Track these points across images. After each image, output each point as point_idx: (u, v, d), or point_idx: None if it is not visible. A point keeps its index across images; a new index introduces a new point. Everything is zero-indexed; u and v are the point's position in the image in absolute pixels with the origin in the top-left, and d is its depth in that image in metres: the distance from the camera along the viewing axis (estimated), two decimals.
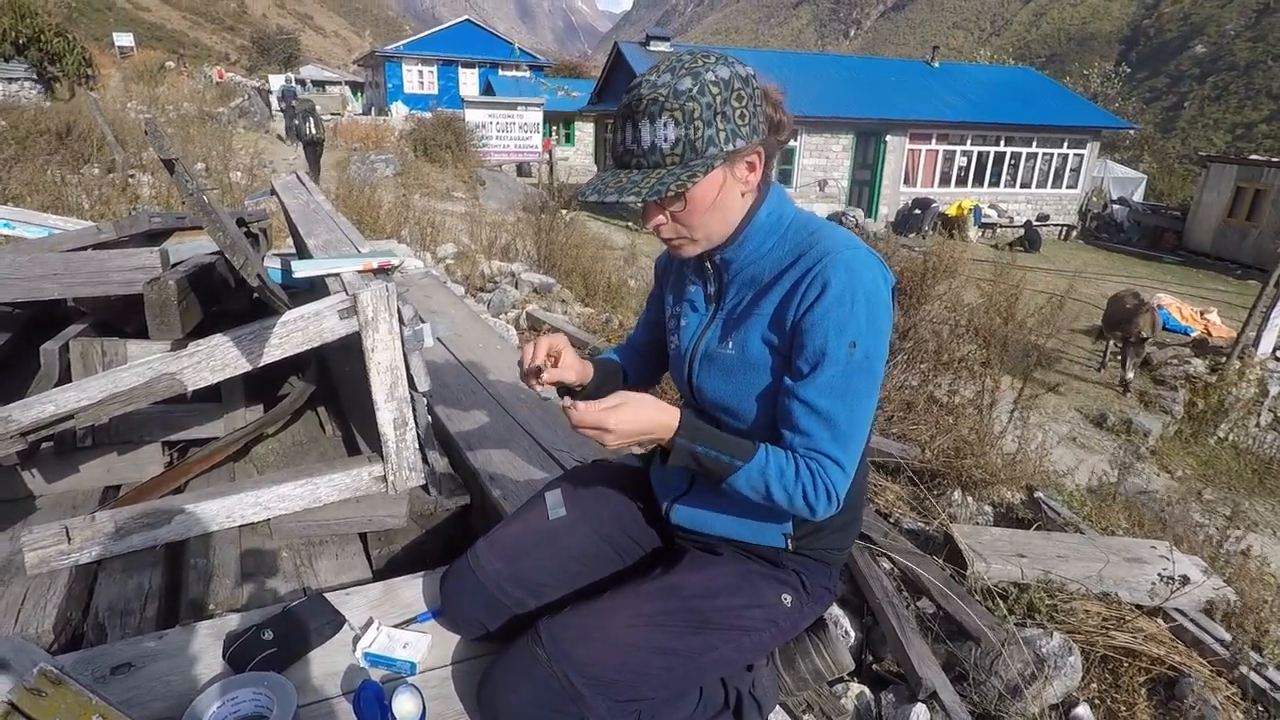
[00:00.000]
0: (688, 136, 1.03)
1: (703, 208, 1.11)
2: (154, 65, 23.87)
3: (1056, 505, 3.13)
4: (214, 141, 12.12)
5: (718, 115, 1.04)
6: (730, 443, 1.12)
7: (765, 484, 1.10)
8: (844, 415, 1.08)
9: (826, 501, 1.09)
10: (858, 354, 1.06)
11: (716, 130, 1.04)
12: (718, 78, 1.04)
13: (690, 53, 1.08)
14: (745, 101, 1.05)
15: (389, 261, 1.86)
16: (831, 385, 1.07)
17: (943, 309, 4.61)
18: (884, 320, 1.09)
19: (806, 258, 1.10)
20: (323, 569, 1.69)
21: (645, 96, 1.05)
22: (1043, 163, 19.27)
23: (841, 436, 1.09)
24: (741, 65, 1.08)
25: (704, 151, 1.05)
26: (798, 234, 1.16)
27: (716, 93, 1.03)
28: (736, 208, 1.14)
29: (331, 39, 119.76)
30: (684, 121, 1.03)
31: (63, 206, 6.64)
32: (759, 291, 1.16)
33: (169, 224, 2.57)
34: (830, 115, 17.61)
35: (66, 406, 1.47)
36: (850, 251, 1.08)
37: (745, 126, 1.06)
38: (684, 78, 1.03)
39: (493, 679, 1.18)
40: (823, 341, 1.06)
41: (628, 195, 1.05)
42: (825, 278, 1.06)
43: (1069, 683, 1.94)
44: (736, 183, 1.11)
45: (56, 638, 1.39)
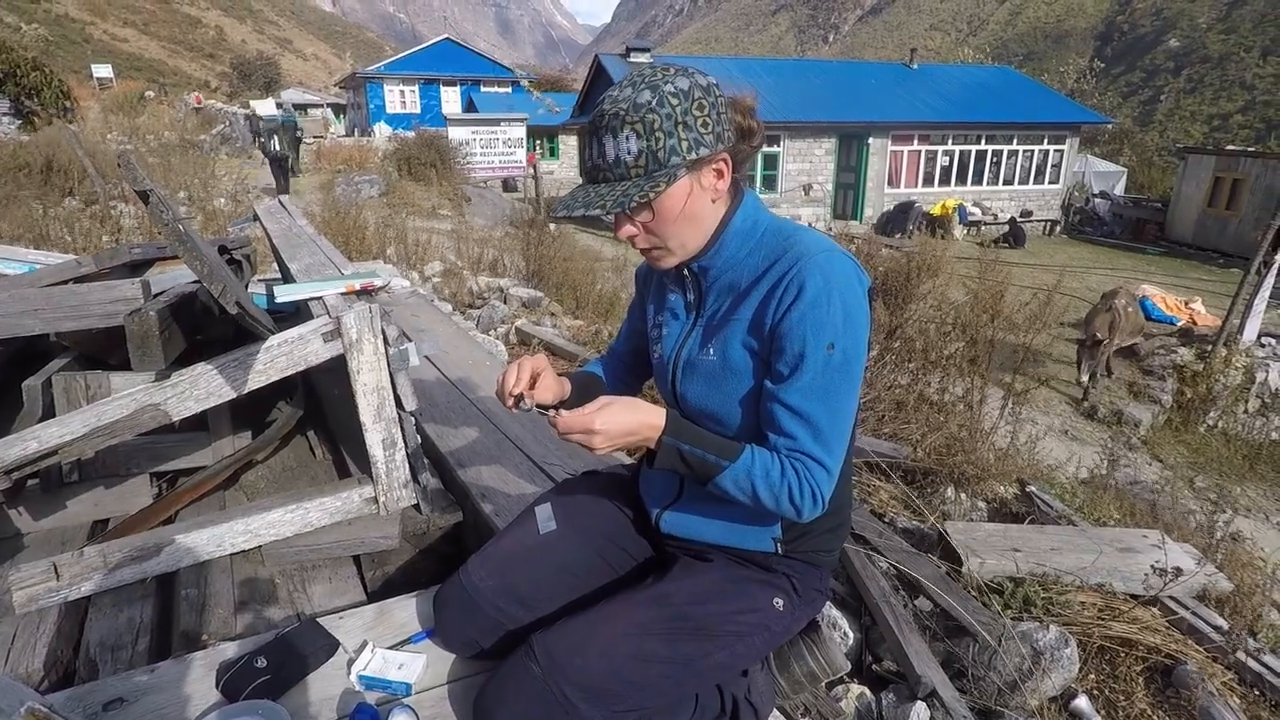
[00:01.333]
0: (650, 148, 1.06)
1: (672, 216, 1.12)
2: (133, 95, 23.83)
3: (1049, 498, 3.15)
4: (196, 169, 12.09)
5: (679, 125, 1.06)
6: (717, 443, 1.14)
7: (751, 484, 1.11)
8: (825, 416, 1.09)
9: (812, 502, 1.10)
10: (836, 355, 1.08)
11: (679, 140, 1.06)
12: (677, 89, 1.06)
13: (652, 67, 1.10)
14: (707, 110, 1.07)
15: (372, 283, 1.86)
16: (811, 387, 1.08)
17: (929, 308, 4.64)
18: (860, 320, 1.10)
19: (782, 262, 1.12)
20: (316, 593, 1.68)
21: (608, 112, 1.07)
22: (1024, 159, 19.47)
23: (824, 437, 1.10)
24: (703, 76, 1.09)
25: (667, 161, 1.07)
26: (773, 239, 1.17)
27: (676, 103, 1.05)
28: (709, 215, 1.16)
29: (312, 62, 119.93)
30: (645, 134, 1.05)
31: (45, 240, 6.61)
32: (737, 297, 1.18)
33: (150, 255, 2.57)
34: (812, 120, 17.77)
35: (50, 442, 1.46)
36: (824, 254, 1.09)
37: (709, 134, 1.08)
38: (643, 91, 1.06)
39: (488, 695, 1.17)
40: (801, 344, 1.08)
41: (594, 209, 1.07)
42: (801, 281, 1.08)
43: (1067, 674, 1.95)
44: (705, 190, 1.13)
45: (47, 675, 1.37)
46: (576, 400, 1.38)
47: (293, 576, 1.74)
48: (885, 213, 18.38)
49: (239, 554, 1.75)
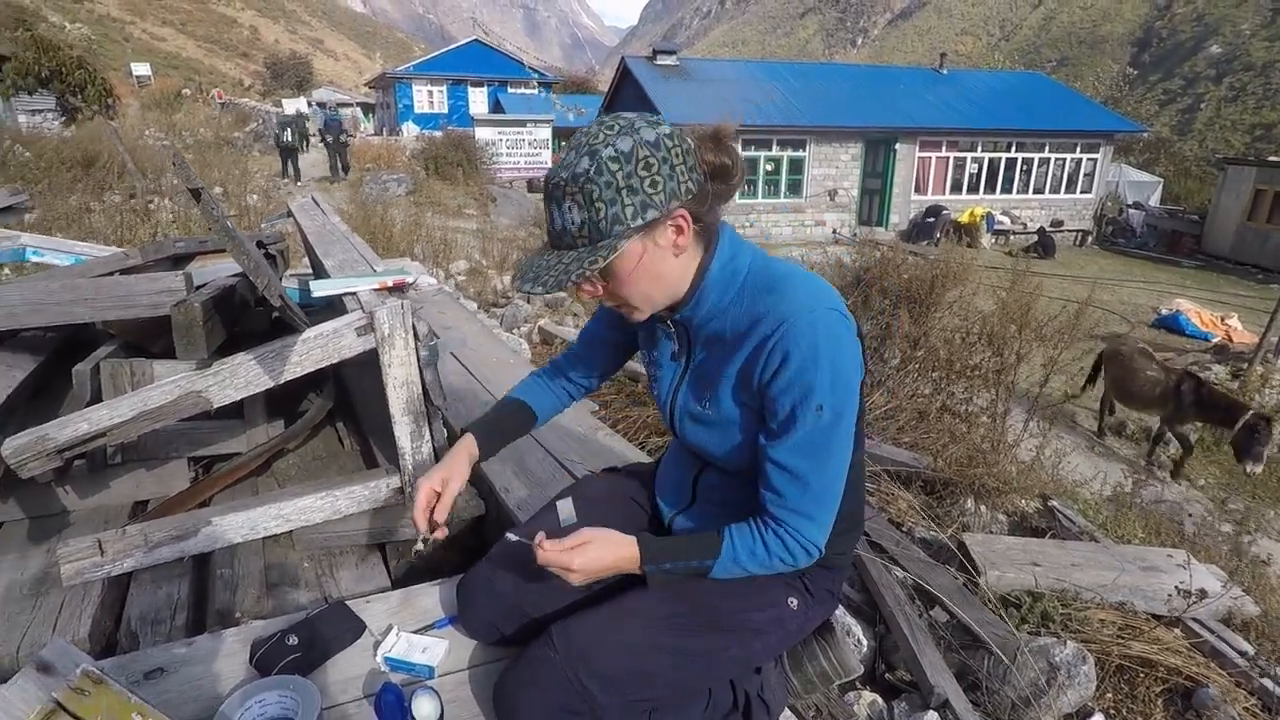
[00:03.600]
0: (591, 218, 1.03)
1: (627, 280, 1.10)
2: (170, 93, 24.37)
3: (1071, 514, 3.12)
4: (230, 166, 12.35)
5: (621, 191, 1.02)
6: (694, 547, 1.17)
7: (741, 567, 1.15)
8: (815, 473, 1.10)
9: (806, 556, 1.14)
10: (825, 415, 1.07)
11: (622, 207, 1.02)
12: (617, 152, 1.01)
13: (600, 123, 1.06)
14: (656, 168, 1.03)
15: (404, 279, 1.92)
16: (801, 446, 1.09)
17: (954, 317, 4.61)
18: (850, 377, 1.09)
19: (765, 323, 1.09)
20: (343, 578, 1.74)
21: (551, 180, 1.06)
22: (1055, 168, 19.20)
23: (813, 493, 1.11)
24: (653, 128, 1.05)
25: (609, 231, 1.04)
26: (756, 290, 1.13)
27: (616, 169, 1.01)
28: (673, 271, 1.13)
29: (343, 62, 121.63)
30: (585, 204, 1.03)
31: (87, 233, 6.80)
32: (724, 350, 1.17)
33: (191, 248, 2.66)
34: (838, 125, 17.68)
35: (100, 425, 1.53)
36: (807, 316, 1.06)
37: (659, 194, 1.03)
38: (582, 158, 1.02)
39: (508, 680, 1.21)
40: (790, 408, 1.08)
41: (538, 286, 1.06)
42: (785, 348, 1.06)
43: (1083, 692, 1.94)
44: (663, 248, 1.09)
45: (92, 645, 1.44)
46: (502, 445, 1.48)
47: (321, 561, 1.80)
48: (912, 220, 18.23)
49: (270, 538, 1.82)
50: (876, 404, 3.89)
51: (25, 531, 1.82)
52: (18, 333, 2.03)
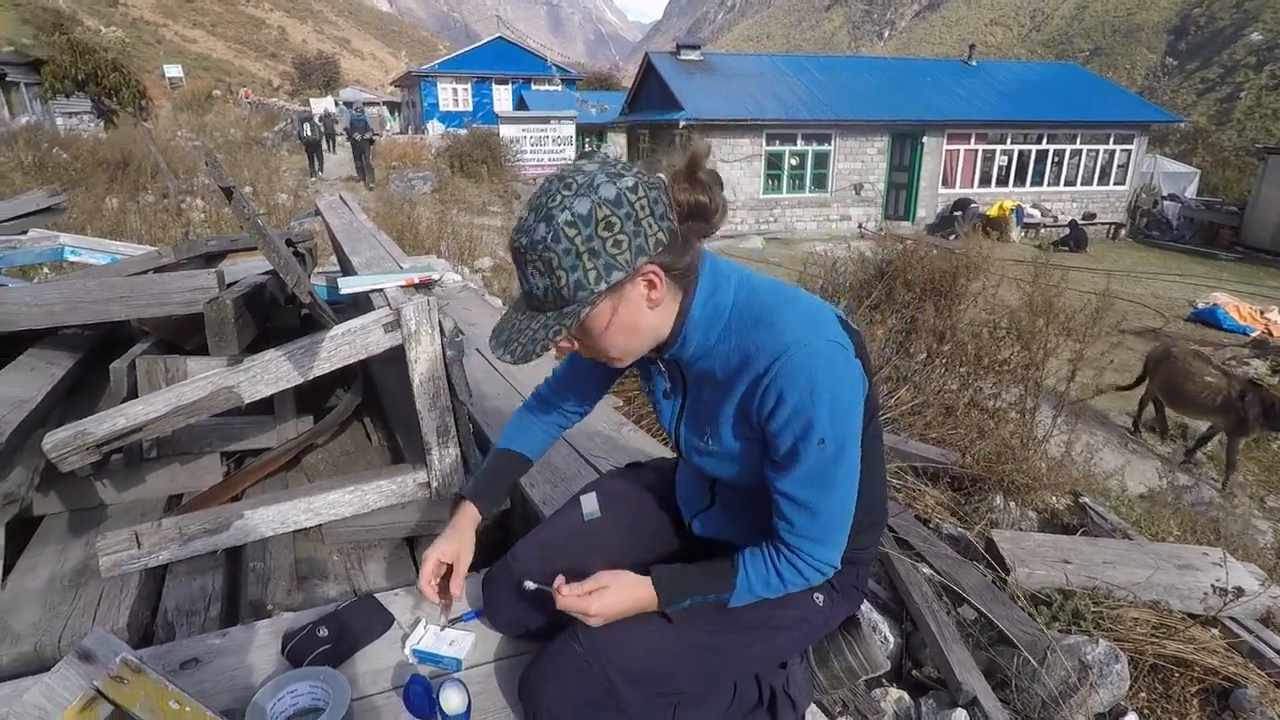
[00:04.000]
0: (553, 285, 1.00)
1: (601, 337, 1.07)
2: (201, 94, 24.83)
3: (1103, 511, 3.07)
4: (260, 165, 12.56)
5: (581, 256, 0.97)
6: (709, 580, 1.17)
7: (756, 595, 1.16)
8: (823, 502, 1.09)
9: (820, 575, 1.14)
10: (829, 448, 1.05)
11: (584, 273, 0.98)
12: (574, 216, 0.96)
13: (560, 178, 1.00)
14: (619, 226, 0.97)
15: (430, 276, 1.94)
16: (806, 478, 1.08)
17: (982, 311, 4.54)
18: (849, 407, 1.06)
19: (757, 361, 1.05)
20: (372, 571, 1.76)
21: (512, 244, 1.03)
22: (1088, 160, 18.81)
23: (822, 520, 1.10)
24: (613, 183, 0.98)
25: (573, 297, 1.00)
26: (742, 327, 1.09)
27: (574, 234, 0.96)
28: (651, 322, 1.08)
29: (369, 61, 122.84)
30: (547, 271, 0.99)
31: (122, 233, 6.96)
32: (716, 389, 1.14)
33: (223, 247, 2.71)
34: (865, 118, 17.48)
35: (136, 420, 1.56)
36: (800, 352, 1.02)
37: (623, 254, 0.98)
38: (539, 225, 0.98)
39: (533, 674, 1.22)
40: (791, 445, 1.06)
41: (507, 354, 1.04)
42: (779, 389, 1.03)
43: (1116, 691, 1.91)
44: (635, 303, 1.05)
45: (130, 635, 1.48)
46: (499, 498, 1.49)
47: (350, 555, 1.83)
48: (940, 213, 17.99)
49: (300, 531, 1.85)
50: (903, 399, 3.86)
51: (66, 524, 1.87)
52: (57, 331, 2.09)
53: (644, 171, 1.02)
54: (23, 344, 2.06)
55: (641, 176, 1.00)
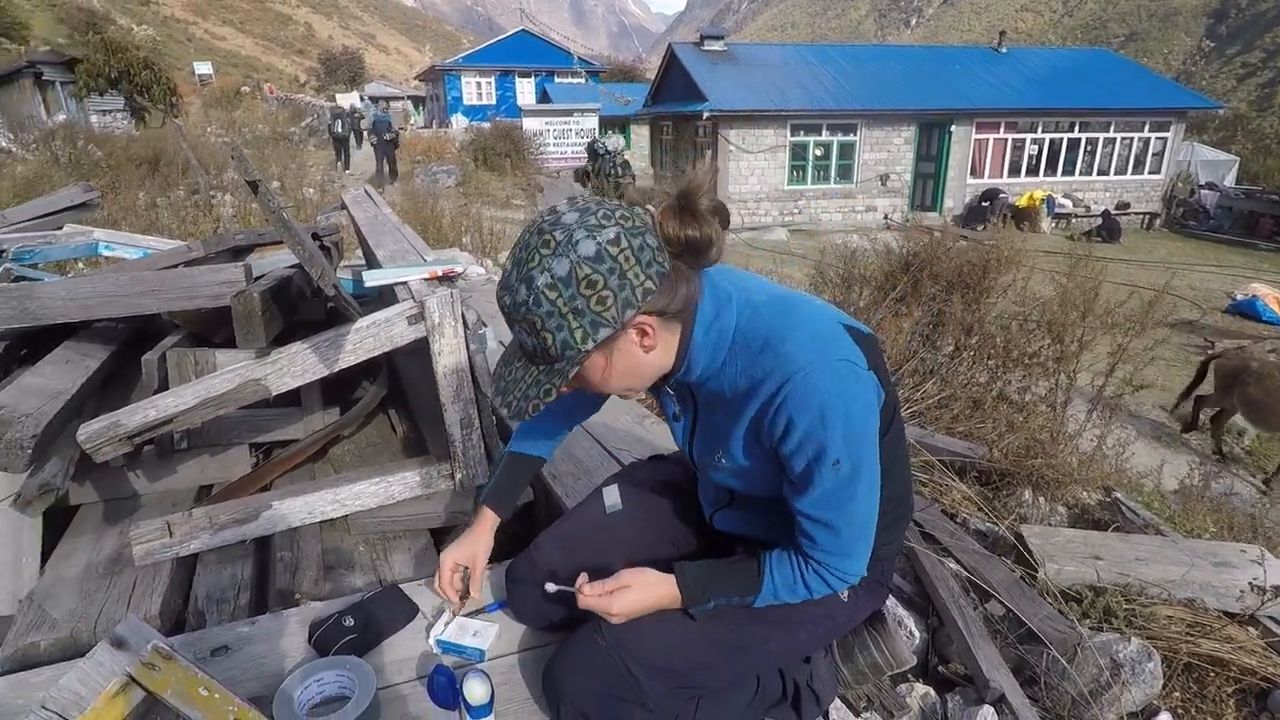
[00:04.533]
0: (541, 344, 0.98)
1: (599, 384, 1.06)
2: (230, 91, 25.19)
3: (1136, 506, 3.01)
4: (287, 160, 12.72)
5: (565, 316, 0.94)
6: (736, 582, 1.17)
7: (781, 599, 1.16)
8: (843, 519, 1.08)
9: (846, 585, 1.15)
10: (844, 469, 1.03)
11: (570, 332, 0.95)
12: (554, 279, 0.93)
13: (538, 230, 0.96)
14: (602, 283, 0.93)
15: (453, 269, 1.94)
16: (824, 499, 1.06)
17: (1011, 303, 4.46)
18: (864, 426, 1.03)
19: (766, 385, 1.03)
20: (397, 562, 1.78)
21: (498, 299, 1.01)
22: (1122, 148, 18.38)
23: (843, 537, 1.10)
24: (593, 237, 0.93)
25: (560, 355, 0.98)
26: (748, 349, 1.05)
27: (555, 296, 0.93)
28: (649, 363, 1.06)
29: (394, 55, 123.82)
30: (532, 331, 0.97)
31: (154, 228, 7.09)
32: (727, 410, 1.12)
33: (251, 240, 2.74)
34: (891, 108, 17.24)
35: (166, 411, 1.59)
36: (807, 376, 0.99)
37: (609, 310, 0.95)
38: (519, 287, 0.96)
39: (556, 665, 1.23)
40: (805, 467, 1.04)
41: (504, 408, 1.05)
42: (788, 413, 1.01)
43: (1149, 690, 1.87)
44: (628, 352, 1.03)
45: (163, 622, 1.51)
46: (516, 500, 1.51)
47: (375, 545, 1.85)
48: (968, 204, 17.71)
49: (327, 522, 1.87)
50: (929, 393, 3.80)
51: (101, 513, 1.91)
52: (92, 324, 2.13)
53: (628, 213, 0.97)
54: (59, 337, 2.10)
55: (625, 222, 0.95)
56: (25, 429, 1.48)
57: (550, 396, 1.01)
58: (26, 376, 1.77)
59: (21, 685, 1.29)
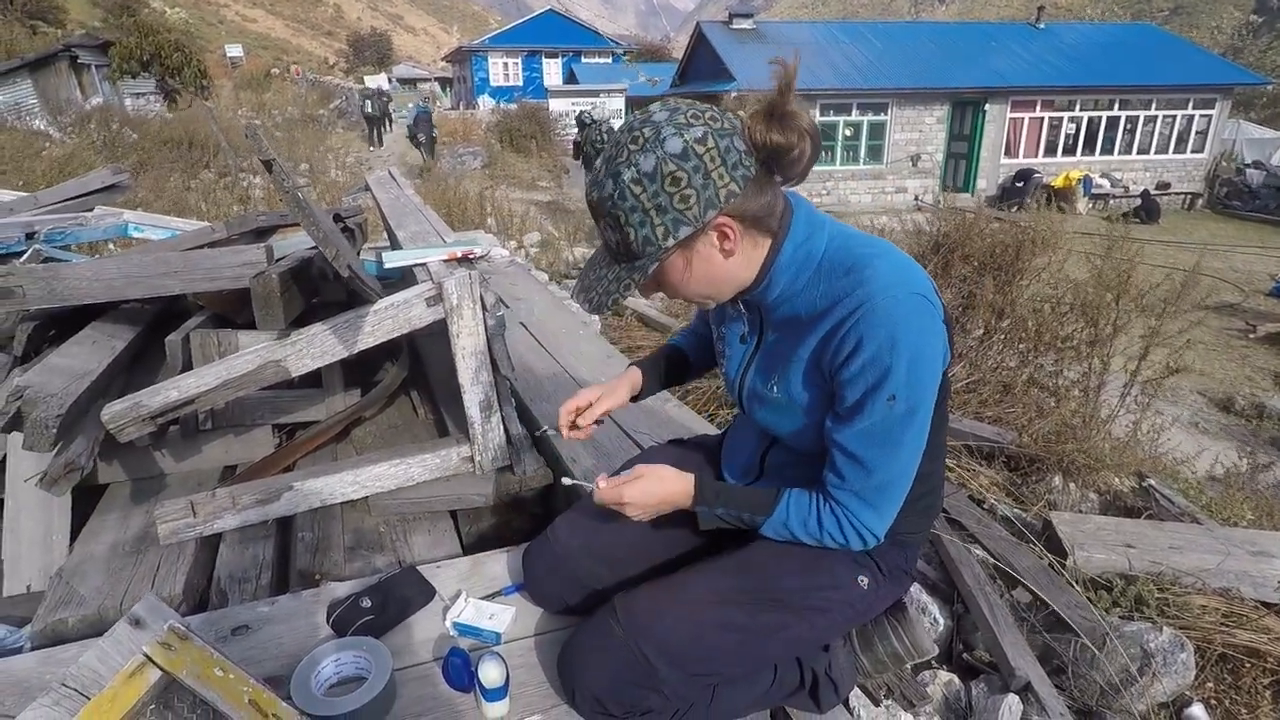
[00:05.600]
0: (624, 239, 1.01)
1: (678, 286, 1.08)
2: (260, 73, 25.40)
3: (1170, 494, 2.93)
4: (315, 143, 12.83)
5: (649, 212, 0.97)
6: (749, 500, 1.17)
7: (790, 531, 1.15)
8: (880, 462, 1.05)
9: (860, 541, 1.11)
10: (898, 407, 1.01)
11: (652, 229, 0.98)
12: (640, 173, 0.95)
13: (628, 128, 0.99)
14: (686, 180, 0.95)
15: (472, 250, 1.93)
16: (869, 433, 1.04)
17: (1044, 285, 4.35)
18: (928, 369, 1.02)
19: (842, 305, 1.02)
20: (416, 543, 1.79)
21: (587, 195, 1.04)
22: (1163, 126, 17.78)
23: (876, 482, 1.07)
24: (680, 134, 0.95)
25: (642, 251, 1.01)
26: (833, 272, 1.06)
27: (639, 190, 0.96)
28: (730, 270, 1.07)
29: (421, 37, 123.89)
30: (616, 226, 1.00)
31: (184, 210, 7.19)
32: (797, 334, 1.11)
33: (273, 222, 2.75)
34: (923, 86, 16.85)
35: (188, 392, 1.61)
36: (888, 299, 0.99)
37: (692, 209, 0.96)
38: (606, 181, 0.99)
39: (572, 650, 1.22)
40: (860, 397, 1.02)
41: (585, 303, 1.08)
42: (860, 333, 1.00)
43: (1180, 680, 1.83)
44: (708, 255, 1.04)
45: (185, 599, 1.53)
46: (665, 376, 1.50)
47: (395, 527, 1.85)
48: (1001, 184, 17.30)
49: (348, 503, 1.88)
50: (958, 376, 3.73)
51: (129, 493, 1.94)
52: (118, 305, 2.16)
53: (717, 115, 0.98)
54: (87, 319, 2.13)
55: (713, 123, 0.96)
56: (50, 409, 1.51)
57: (630, 291, 1.03)
58: (53, 357, 1.79)
59: (51, 661, 1.32)
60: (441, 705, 1.24)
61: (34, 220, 2.76)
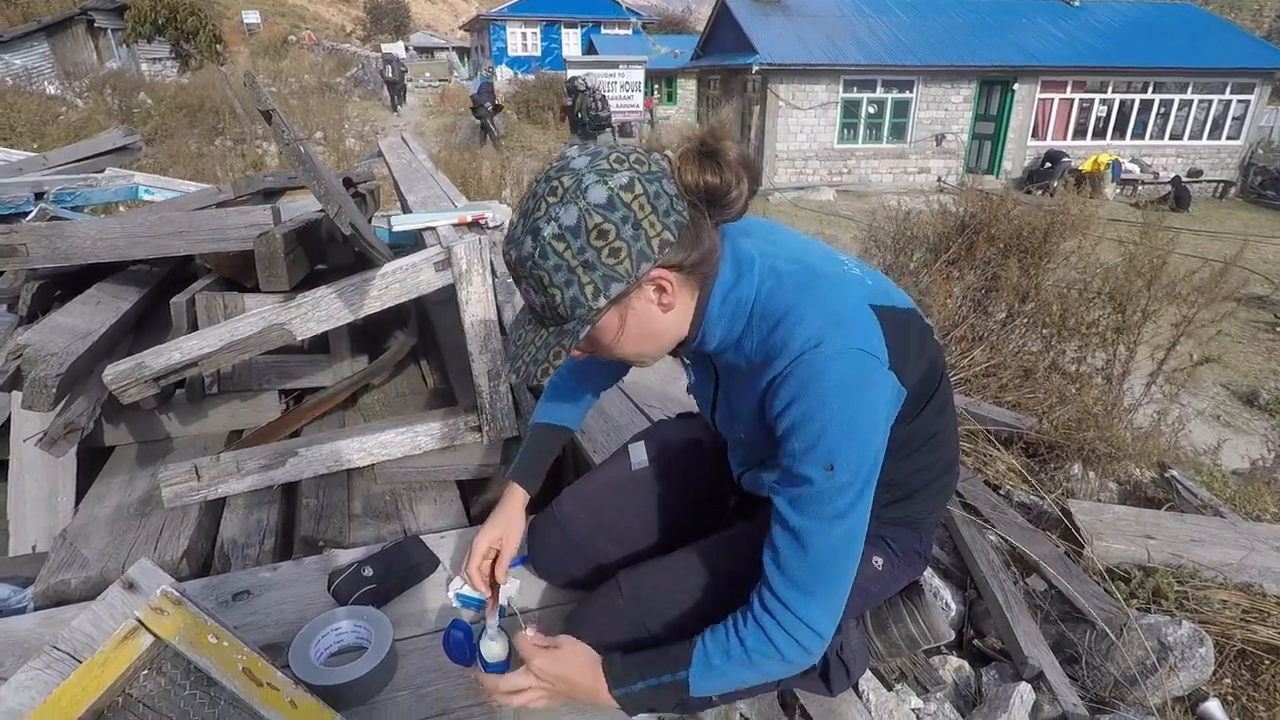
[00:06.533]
0: (550, 302, 0.91)
1: (612, 347, 0.98)
2: (277, 40, 25.25)
3: (1193, 485, 2.87)
4: (331, 111, 12.76)
5: (575, 271, 0.87)
6: (665, 659, 1.03)
7: (723, 675, 1.00)
8: (818, 534, 0.93)
9: (799, 648, 0.96)
10: (838, 476, 0.90)
11: (580, 287, 0.88)
12: (561, 228, 0.86)
13: (546, 179, 0.90)
14: (614, 233, 0.86)
15: (483, 215, 1.88)
16: (804, 501, 0.93)
17: (1070, 270, 4.25)
18: (867, 429, 0.91)
19: (775, 363, 0.93)
20: (422, 513, 1.76)
21: (504, 258, 0.94)
22: (1198, 111, 17.29)
23: (814, 560, 0.94)
24: (604, 182, 0.86)
25: (570, 314, 0.91)
26: (764, 322, 0.96)
27: (563, 248, 0.86)
28: (667, 324, 0.97)
29: (439, 5, 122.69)
30: (539, 288, 0.90)
31: (200, 176, 7.18)
32: (745, 383, 1.02)
33: (281, 183, 2.72)
34: (950, 63, 16.46)
35: (190, 354, 1.58)
36: (817, 358, 0.89)
37: (624, 263, 0.87)
38: (525, 238, 0.88)
39: (575, 624, 1.20)
40: (793, 463, 0.93)
41: (513, 373, 0.97)
42: (789, 395, 0.91)
43: (1198, 675, 1.78)
44: (644, 311, 0.94)
45: (190, 565, 1.52)
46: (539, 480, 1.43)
47: (401, 495, 1.83)
48: (1027, 167, 16.95)
49: (354, 471, 1.86)
50: (976, 360, 3.66)
51: (134, 455, 1.93)
52: (124, 266, 2.14)
53: (643, 158, 0.90)
54: (94, 280, 2.11)
55: (639, 167, 0.88)
56: (50, 368, 1.48)
57: (559, 360, 0.93)
58: (56, 316, 1.77)
59: (52, 622, 1.31)
60: (443, 677, 1.22)
61: (43, 180, 2.74)
